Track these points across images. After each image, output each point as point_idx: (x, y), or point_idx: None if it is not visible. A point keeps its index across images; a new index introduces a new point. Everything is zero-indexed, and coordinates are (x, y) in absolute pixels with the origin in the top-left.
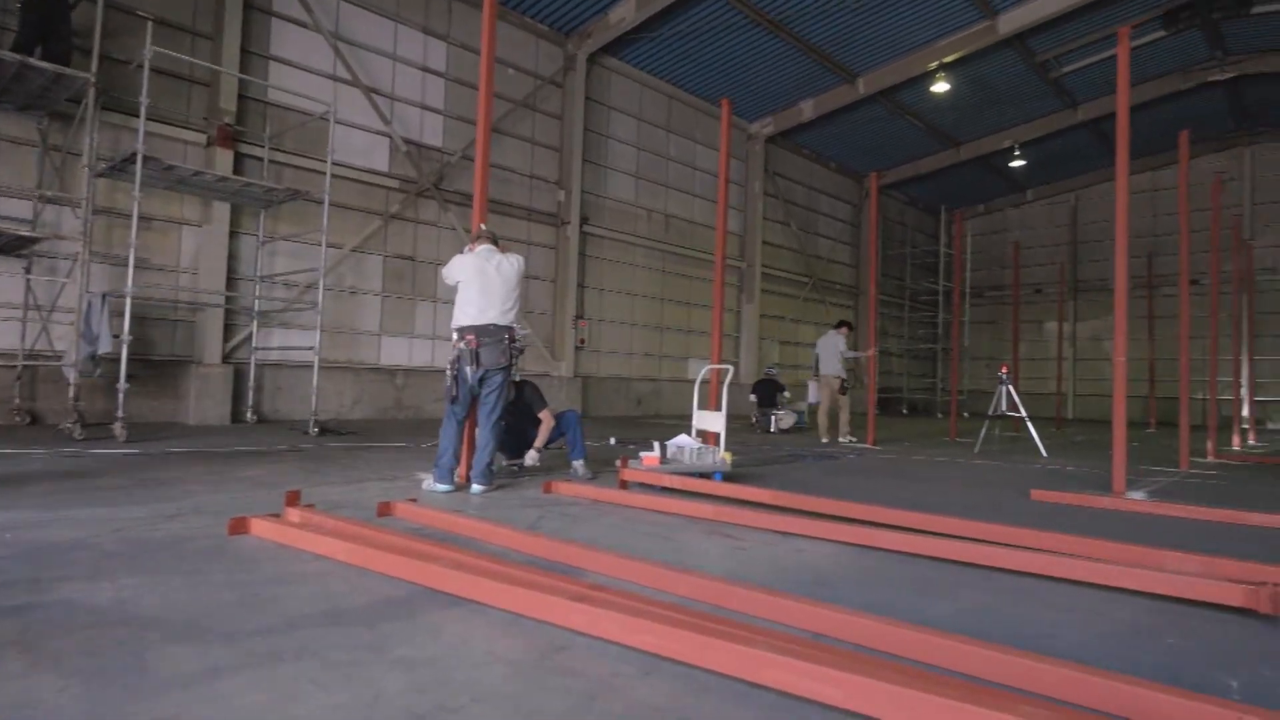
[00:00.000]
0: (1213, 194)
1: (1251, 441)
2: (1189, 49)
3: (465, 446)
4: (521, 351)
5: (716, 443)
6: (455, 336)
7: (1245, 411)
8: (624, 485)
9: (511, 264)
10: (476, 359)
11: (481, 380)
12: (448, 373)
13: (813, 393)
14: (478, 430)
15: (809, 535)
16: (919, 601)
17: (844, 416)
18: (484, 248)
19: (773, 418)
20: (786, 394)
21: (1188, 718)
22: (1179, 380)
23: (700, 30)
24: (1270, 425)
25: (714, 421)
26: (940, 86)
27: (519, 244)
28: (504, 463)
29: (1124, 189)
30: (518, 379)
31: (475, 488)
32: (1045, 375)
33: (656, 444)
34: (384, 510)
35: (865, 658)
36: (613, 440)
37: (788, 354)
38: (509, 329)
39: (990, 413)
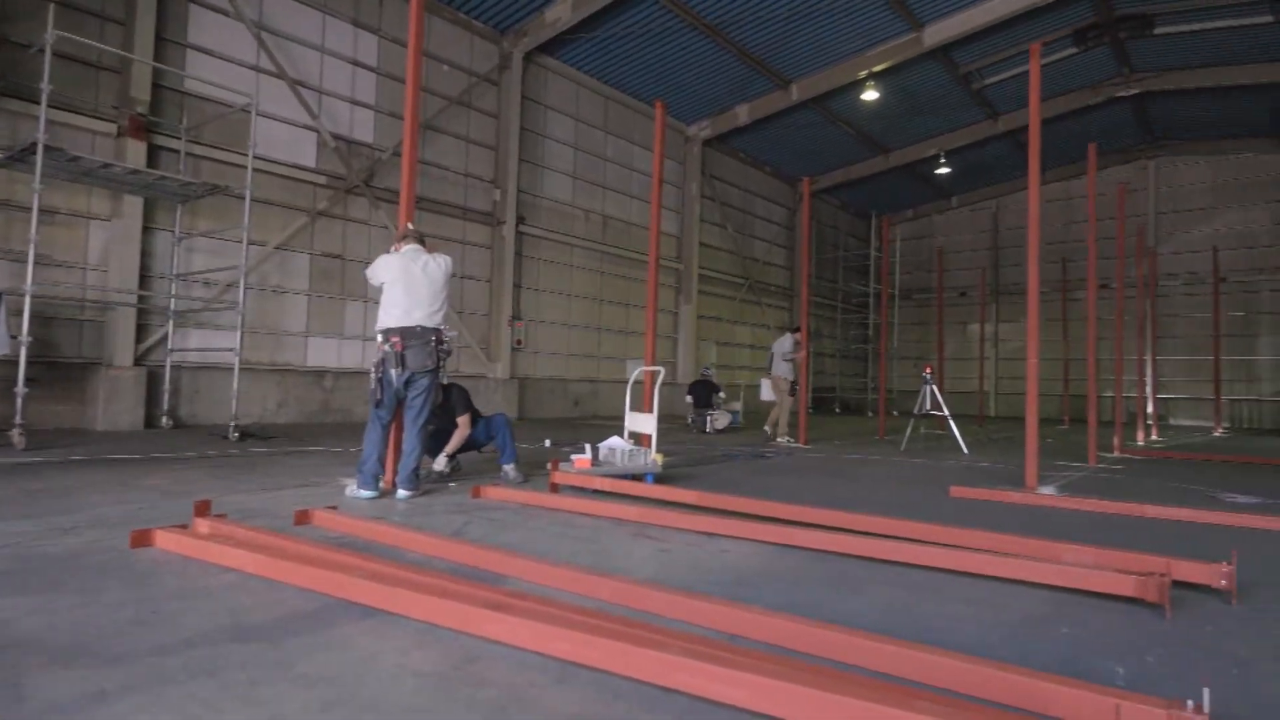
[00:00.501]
0: (1118, 204)
1: (1154, 437)
2: (1098, 66)
3: (391, 451)
4: (449, 354)
5: (649, 444)
6: (380, 339)
7: (1149, 408)
8: (555, 489)
9: (439, 264)
10: (402, 361)
11: (407, 383)
12: (372, 375)
13: (765, 390)
14: (404, 435)
15: (733, 535)
16: (836, 598)
17: (784, 417)
18: (410, 248)
19: (708, 418)
20: (722, 394)
21: (1072, 704)
22: (1094, 377)
23: (637, 32)
24: (1172, 421)
25: (646, 423)
26: (869, 95)
27: (454, 244)
28: (433, 468)
29: (1035, 198)
30: (445, 382)
31: (401, 493)
32: (969, 375)
33: (588, 446)
34: (301, 518)
35: (775, 659)
36: (548, 442)
37: (725, 354)
38: (436, 331)
39: (915, 412)
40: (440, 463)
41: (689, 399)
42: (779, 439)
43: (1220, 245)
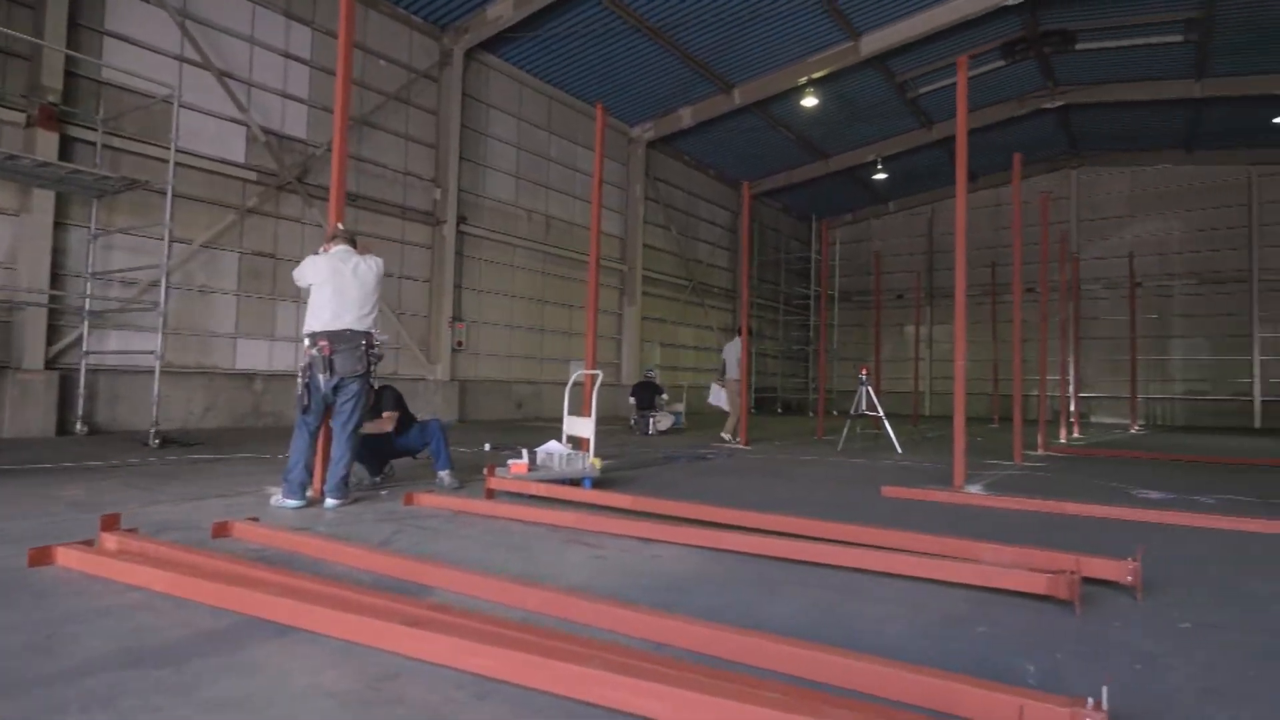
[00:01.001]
0: (1042, 213)
1: (1076, 435)
2: (1025, 78)
3: (319, 459)
4: (381, 358)
5: (588, 449)
6: (307, 342)
7: (1072, 407)
8: (491, 495)
9: (370, 266)
10: (330, 366)
11: (336, 389)
12: (299, 381)
13: (713, 395)
14: (333, 442)
15: (667, 540)
16: (764, 601)
17: (731, 420)
18: (340, 248)
19: (651, 420)
20: (664, 396)
21: (981, 704)
22: (1019, 378)
23: (580, 33)
24: (1094, 419)
25: (584, 427)
26: (809, 101)
27: (392, 243)
28: (367, 478)
29: (963, 206)
30: (377, 386)
31: (329, 502)
32: (905, 375)
33: (525, 451)
34: (220, 531)
35: (696, 669)
36: (488, 446)
37: (669, 355)
38: (367, 334)
39: (852, 413)
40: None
41: (632, 401)
42: (723, 435)
43: (1136, 252)
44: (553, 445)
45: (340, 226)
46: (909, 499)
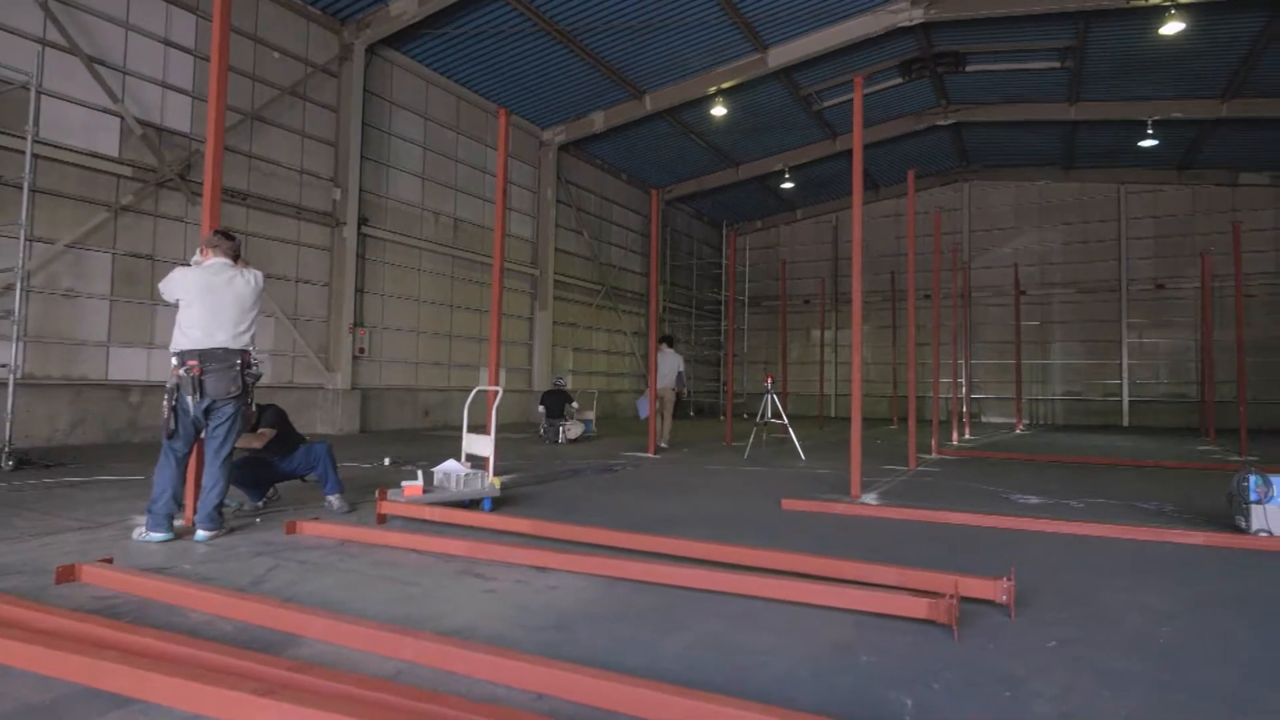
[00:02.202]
0: (935, 225)
1: (967, 436)
2: (921, 96)
3: (190, 487)
4: (258, 378)
5: (490, 467)
6: (174, 362)
7: (964, 409)
8: (382, 520)
9: (248, 281)
10: (200, 388)
11: (208, 412)
12: (165, 404)
13: (643, 409)
14: (205, 469)
15: (563, 569)
16: (655, 635)
17: (666, 426)
18: (216, 261)
19: (560, 428)
20: (575, 404)
21: None
22: (925, 385)
23: (489, 33)
24: (984, 419)
25: (484, 446)
26: (719, 111)
27: (288, 245)
28: (249, 502)
29: (859, 217)
30: (254, 406)
31: (200, 534)
32: (812, 378)
33: (420, 472)
34: (65, 575)
35: None
36: (387, 460)
37: (581, 360)
38: (243, 353)
39: (758, 420)
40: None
41: (541, 409)
42: (660, 443)
43: (1021, 262)
44: (450, 465)
45: (217, 234)
46: (807, 511)
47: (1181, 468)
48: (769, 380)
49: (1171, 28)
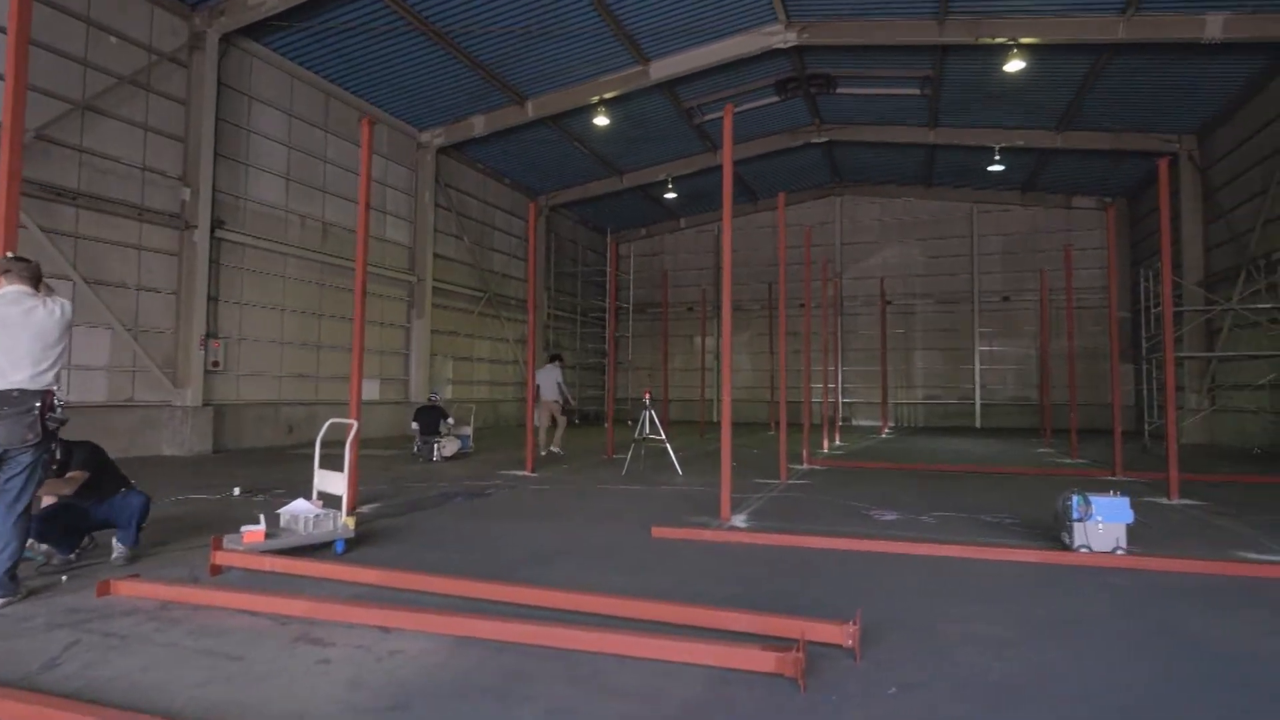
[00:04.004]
0: (805, 242)
1: (837, 442)
2: (796, 114)
3: None
4: (63, 423)
5: (353, 501)
6: None
7: (837, 413)
8: (217, 572)
9: (51, 312)
10: None
11: (0, 462)
12: None
13: (539, 418)
14: None
15: (410, 629)
16: (502, 711)
17: (560, 433)
18: (12, 290)
19: (435, 445)
20: (450, 420)
21: None
22: (801, 391)
23: (359, 29)
24: (855, 422)
25: (337, 483)
26: (602, 120)
27: (127, 249)
28: (58, 556)
29: (728, 234)
30: (58, 453)
31: None
32: (694, 384)
33: (263, 516)
34: None
35: None
36: (237, 490)
37: (462, 370)
38: (44, 394)
39: (636, 436)
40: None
41: (415, 426)
42: (556, 449)
43: (887, 274)
44: (299, 505)
45: (10, 255)
46: (677, 539)
47: (1021, 474)
48: (647, 395)
49: (1014, 65)
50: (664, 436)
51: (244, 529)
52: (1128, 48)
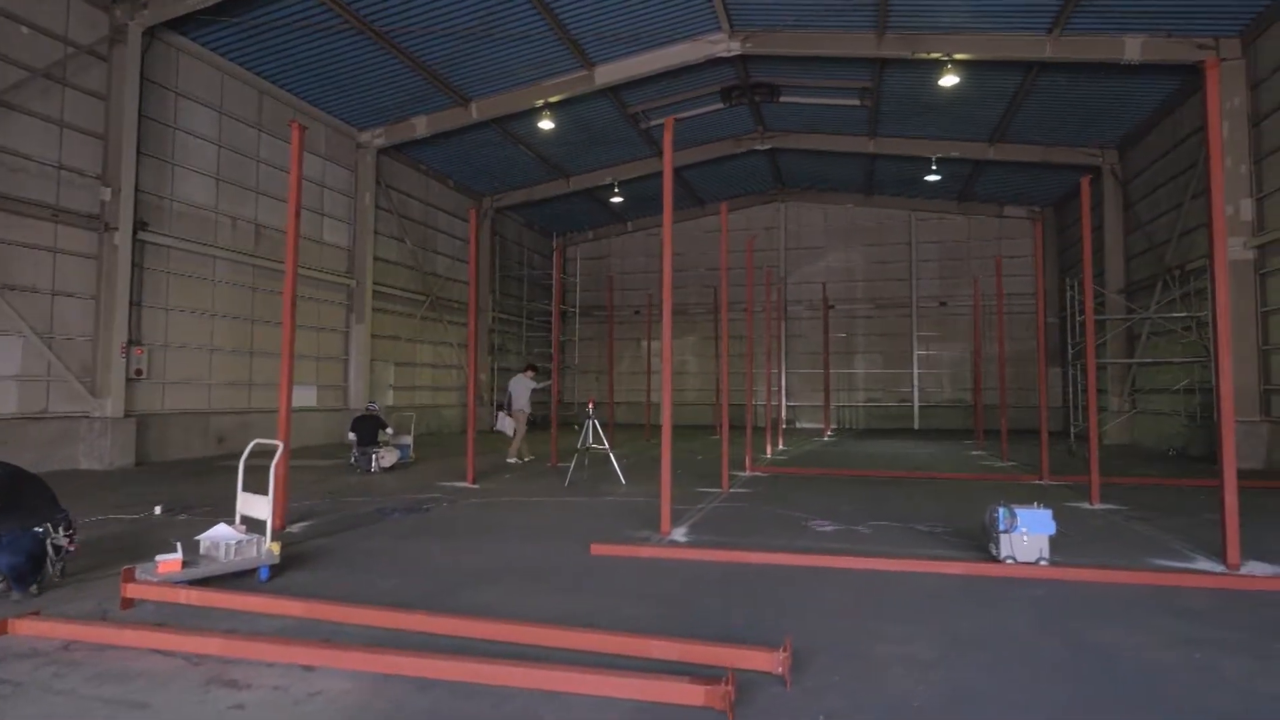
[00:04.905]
0: (748, 251)
1: (781, 447)
2: (741, 121)
3: None
4: None
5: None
6: None
7: (781, 415)
8: (129, 605)
9: None
10: None
11: None
12: None
13: (502, 423)
14: None
15: (333, 666)
16: None
17: (517, 441)
18: None
19: (373, 456)
20: (389, 430)
21: None
22: (742, 394)
23: (294, 26)
24: (799, 424)
25: (261, 507)
26: (547, 124)
27: (40, 252)
28: None
29: (669, 239)
30: None
31: None
32: (641, 387)
33: (179, 545)
34: None
35: None
36: (158, 509)
37: (404, 375)
38: None
39: (579, 446)
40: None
41: (352, 436)
42: (515, 459)
43: (829, 279)
44: (219, 530)
45: None
46: (616, 557)
47: (955, 479)
48: (590, 405)
49: (948, 80)
50: (607, 446)
51: (159, 558)
52: (1055, 66)
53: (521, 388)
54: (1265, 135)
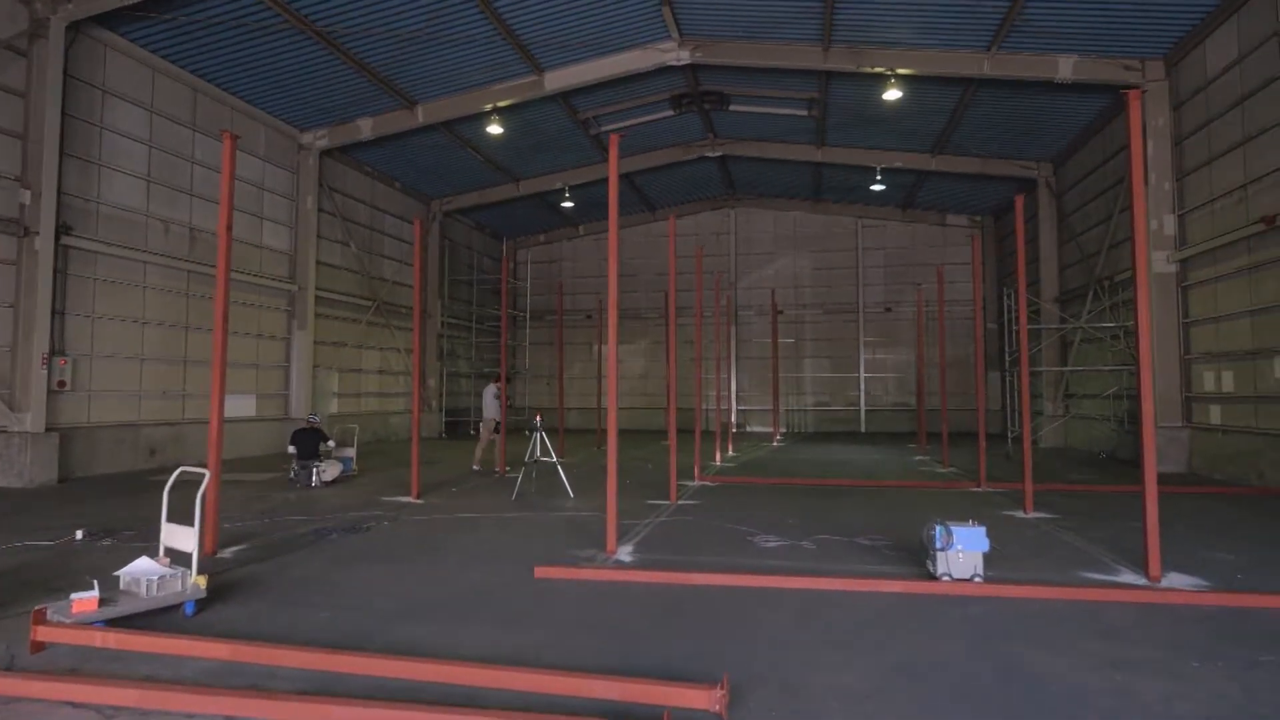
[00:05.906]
0: (697, 259)
1: (730, 452)
2: (691, 128)
3: None
4: None
5: (212, 548)
6: None
7: (731, 420)
8: (38, 649)
9: None
10: None
11: None
12: None
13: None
14: None
15: (259, 717)
16: None
17: (482, 450)
18: None
19: (315, 470)
20: (330, 443)
21: None
22: (692, 399)
23: (230, 23)
24: (749, 428)
25: (186, 539)
26: (496, 128)
27: None
28: None
29: (614, 249)
30: None
31: None
32: (593, 392)
33: (96, 583)
34: None
35: None
36: (79, 534)
37: (349, 382)
38: None
39: (526, 459)
40: None
41: (292, 450)
42: (478, 465)
43: (778, 284)
44: (141, 565)
45: None
46: (560, 580)
47: (897, 486)
48: (538, 418)
49: (892, 94)
50: (554, 459)
51: (74, 596)
52: (993, 82)
53: (489, 397)
54: (1187, 154)
